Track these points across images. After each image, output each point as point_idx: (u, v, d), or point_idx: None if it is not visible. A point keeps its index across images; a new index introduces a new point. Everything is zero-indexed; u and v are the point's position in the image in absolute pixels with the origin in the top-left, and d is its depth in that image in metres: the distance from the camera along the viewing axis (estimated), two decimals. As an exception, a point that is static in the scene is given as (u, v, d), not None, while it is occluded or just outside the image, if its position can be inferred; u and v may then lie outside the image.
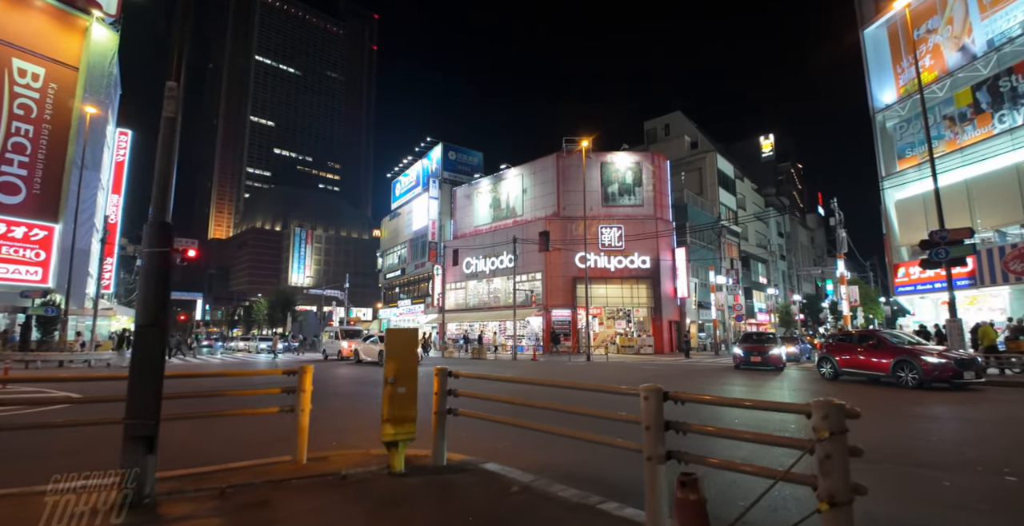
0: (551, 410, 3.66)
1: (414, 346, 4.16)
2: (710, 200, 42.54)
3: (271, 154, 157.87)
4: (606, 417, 3.26)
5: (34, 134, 30.51)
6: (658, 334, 31.83)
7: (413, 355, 4.12)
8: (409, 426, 3.94)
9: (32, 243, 30.44)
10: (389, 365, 4.03)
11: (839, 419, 2.08)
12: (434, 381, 4.38)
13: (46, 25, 31.21)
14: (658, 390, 2.70)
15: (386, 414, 3.89)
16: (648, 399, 2.67)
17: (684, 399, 2.73)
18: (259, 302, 73.66)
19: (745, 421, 7.51)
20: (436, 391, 4.33)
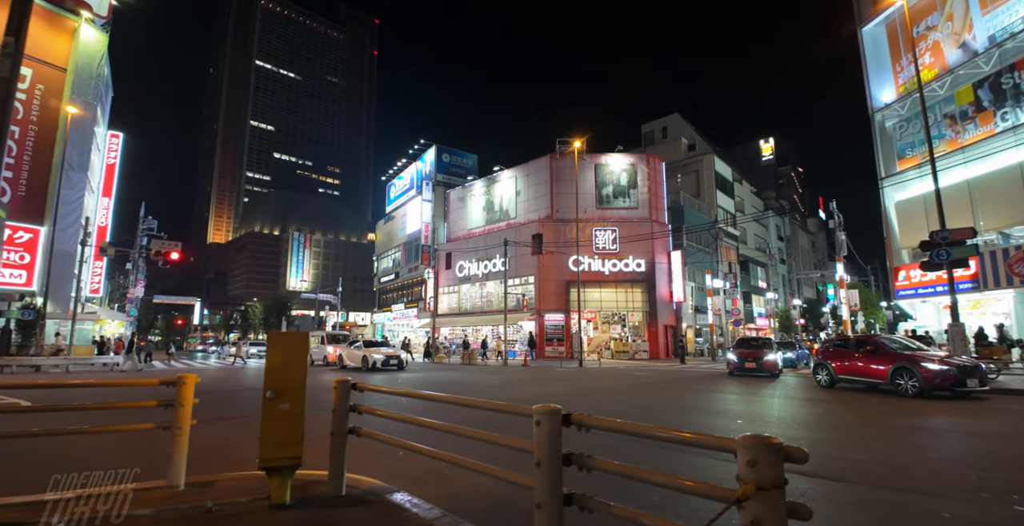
0: (454, 434, 3.01)
1: (303, 353, 3.51)
2: (707, 203, 41.88)
3: (271, 158, 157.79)
4: (500, 444, 2.61)
5: (20, 136, 30.09)
6: (653, 339, 31.11)
7: (301, 365, 3.48)
8: (293, 449, 3.29)
9: (16, 246, 29.92)
10: (269, 377, 3.39)
11: (774, 466, 1.42)
12: (333, 395, 3.73)
13: (34, 26, 30.52)
14: (555, 412, 2.06)
15: (263, 436, 3.24)
16: (542, 424, 2.03)
17: (590, 425, 2.07)
18: (255, 307, 73.04)
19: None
20: (335, 407, 3.68)
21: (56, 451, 5.49)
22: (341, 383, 3.77)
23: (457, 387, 14.25)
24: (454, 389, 13.71)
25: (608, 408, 9.77)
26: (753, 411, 9.36)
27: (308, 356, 3.64)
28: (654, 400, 11.15)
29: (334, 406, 3.71)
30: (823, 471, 4.86)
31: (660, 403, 10.62)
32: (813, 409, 9.84)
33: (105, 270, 44.07)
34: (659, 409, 9.75)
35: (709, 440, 1.64)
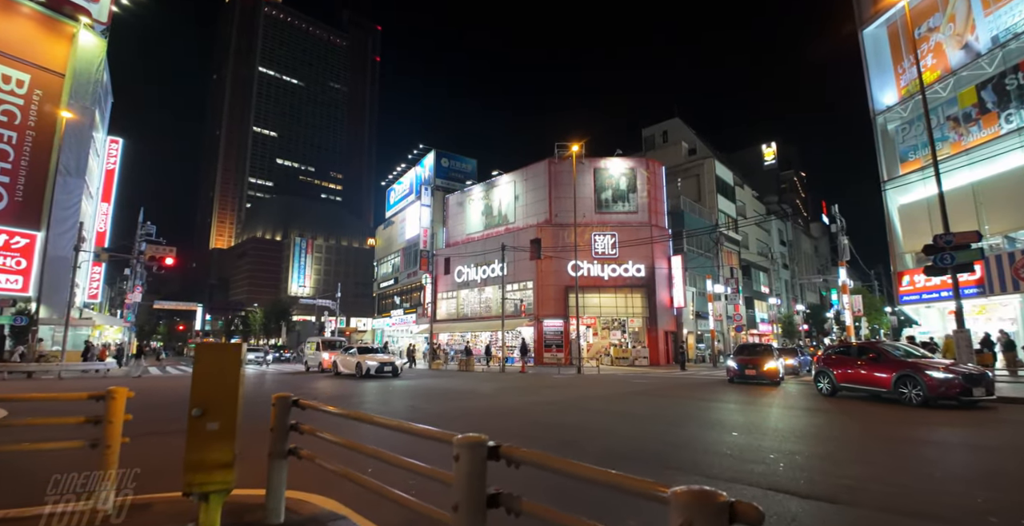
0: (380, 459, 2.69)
1: (235, 367, 3.19)
2: (708, 207, 41.51)
3: (273, 164, 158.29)
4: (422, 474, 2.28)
5: (18, 141, 29.99)
6: (653, 345, 30.68)
7: (233, 379, 3.15)
8: (222, 474, 2.97)
9: (13, 251, 29.76)
10: (196, 392, 3.07)
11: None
12: (271, 413, 3.41)
13: (32, 31, 30.84)
14: (478, 445, 1.73)
15: (188, 458, 2.92)
16: (461, 460, 1.71)
17: (520, 460, 1.74)
18: (255, 312, 72.88)
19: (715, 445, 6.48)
20: (272, 426, 3.36)
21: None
22: (280, 399, 3.46)
23: (447, 395, 13.91)
24: (444, 398, 13.37)
25: (596, 419, 9.41)
26: (750, 422, 8.99)
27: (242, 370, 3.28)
28: (647, 410, 10.79)
29: (272, 425, 3.39)
30: (818, 491, 4.51)
31: (653, 413, 10.26)
32: (812, 420, 9.46)
33: (103, 276, 43.89)
34: (651, 420, 9.39)
35: (637, 486, 1.31)
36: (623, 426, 8.62)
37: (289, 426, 3.43)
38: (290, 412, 3.48)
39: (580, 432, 7.97)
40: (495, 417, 9.79)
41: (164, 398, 13.60)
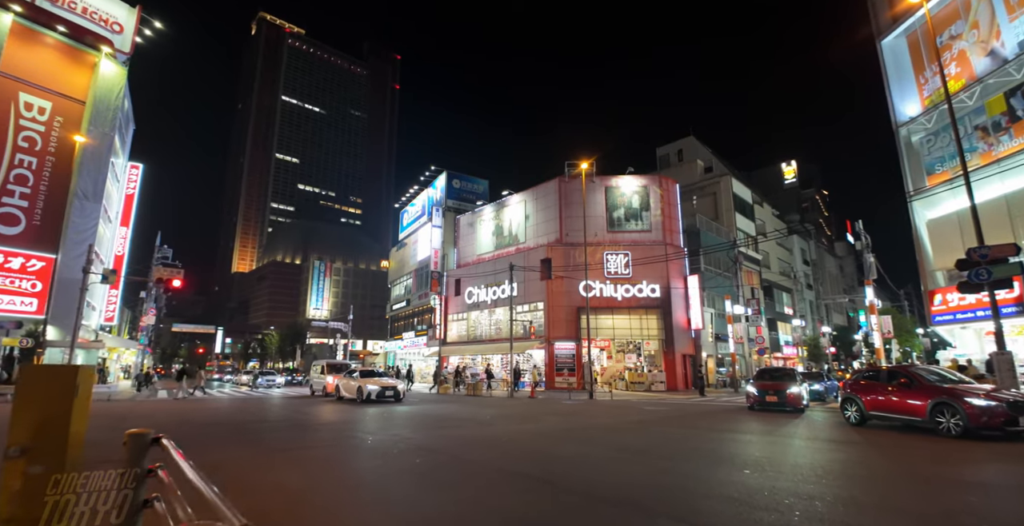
0: None
1: (67, 396, 2.53)
2: (726, 226, 40.41)
3: (295, 189, 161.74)
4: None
5: (37, 166, 30.69)
6: (671, 369, 29.37)
7: (64, 409, 2.49)
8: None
9: (29, 274, 30.15)
10: (16, 426, 2.42)
11: None
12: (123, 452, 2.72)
13: (55, 60, 31.90)
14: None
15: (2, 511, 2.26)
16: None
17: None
18: (271, 335, 73.03)
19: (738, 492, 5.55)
20: (124, 470, 2.66)
21: None
22: (134, 438, 2.77)
23: (441, 423, 13.08)
24: (436, 425, 12.55)
25: (591, 453, 8.49)
26: (767, 456, 7.98)
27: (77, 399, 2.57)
28: (653, 441, 9.81)
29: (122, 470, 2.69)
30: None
31: (659, 445, 9.28)
32: (838, 453, 8.40)
33: (120, 299, 44.39)
34: (654, 453, 8.44)
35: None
36: (619, 462, 7.70)
37: (146, 471, 2.73)
38: (147, 453, 2.78)
39: (568, 467, 7.10)
40: (480, 448, 8.95)
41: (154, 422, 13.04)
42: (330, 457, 8.29)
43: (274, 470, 7.02)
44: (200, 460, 7.71)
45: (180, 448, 2.82)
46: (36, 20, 31.15)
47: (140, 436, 2.91)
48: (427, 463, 7.59)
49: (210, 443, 9.54)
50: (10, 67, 29.49)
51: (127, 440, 2.83)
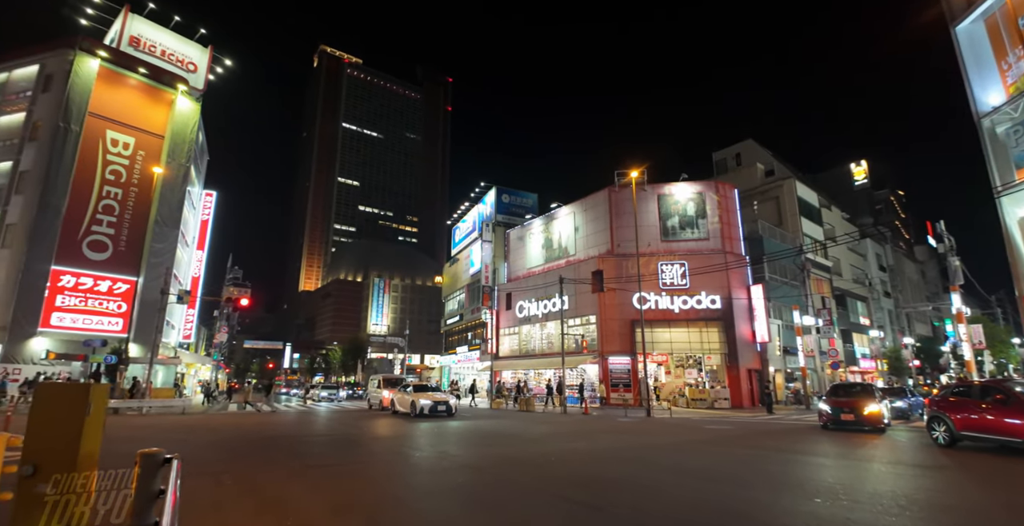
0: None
1: (77, 412, 2.49)
2: (791, 231, 38.18)
3: (356, 211, 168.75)
4: None
5: (122, 197, 33.48)
6: (735, 385, 27.76)
7: (75, 430, 2.45)
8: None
9: (115, 296, 32.74)
10: (30, 444, 2.40)
11: None
12: (135, 473, 2.66)
13: (137, 98, 34.94)
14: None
15: None
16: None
17: None
18: (334, 350, 75.67)
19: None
20: (133, 491, 2.60)
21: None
22: (146, 458, 2.70)
23: (489, 440, 12.82)
24: (484, 442, 12.31)
25: (644, 475, 7.96)
26: (841, 482, 7.18)
27: (88, 417, 2.52)
28: (714, 463, 9.11)
29: (132, 490, 2.63)
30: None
31: (720, 468, 8.60)
32: (925, 480, 7.45)
33: (196, 317, 47.40)
34: (714, 477, 7.79)
35: None
36: (676, 486, 7.15)
37: (157, 492, 2.65)
38: (158, 474, 2.71)
39: (617, 492, 6.64)
40: (527, 468, 8.61)
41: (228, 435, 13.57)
42: (375, 474, 8.23)
43: (317, 486, 7.00)
44: (249, 473, 7.88)
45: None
46: (120, 64, 34.33)
47: (152, 456, 2.85)
48: (471, 482, 7.36)
49: (262, 456, 9.74)
50: (98, 107, 32.56)
51: (138, 460, 2.78)
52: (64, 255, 30.52)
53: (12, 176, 30.95)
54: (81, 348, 27.55)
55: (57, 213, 30.34)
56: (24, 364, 27.31)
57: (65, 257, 30.55)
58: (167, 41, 38.96)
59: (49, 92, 31.88)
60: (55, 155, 30.45)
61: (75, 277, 30.90)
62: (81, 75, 31.88)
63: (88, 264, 31.50)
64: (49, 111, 31.31)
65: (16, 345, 27.83)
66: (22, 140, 31.38)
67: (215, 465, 8.75)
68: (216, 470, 8.21)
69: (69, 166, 30.98)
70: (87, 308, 31.31)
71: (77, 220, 31.32)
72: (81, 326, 30.65)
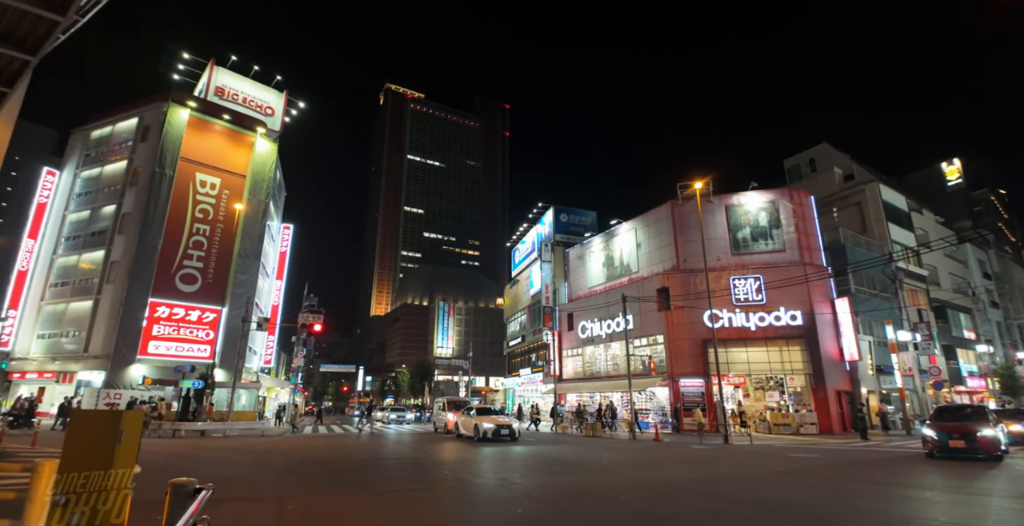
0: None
1: (109, 440, 2.47)
2: (878, 239, 35.14)
3: (421, 238, 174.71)
4: None
5: (210, 233, 36.29)
6: (822, 408, 25.42)
7: (106, 454, 2.42)
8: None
9: (203, 324, 35.22)
10: (65, 472, 2.39)
11: None
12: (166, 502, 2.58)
13: (221, 143, 38.14)
14: None
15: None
16: None
17: None
18: (403, 373, 77.37)
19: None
20: (164, 522, 2.53)
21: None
22: (176, 488, 2.64)
23: (553, 467, 12.31)
24: (547, 470, 11.82)
25: (724, 510, 7.21)
26: (958, 523, 6.16)
27: (128, 444, 2.48)
28: (801, 498, 8.17)
29: (163, 522, 2.56)
30: None
31: (807, 503, 7.67)
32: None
33: (276, 343, 50.08)
34: (800, 513, 6.94)
35: None
36: (756, 523, 6.41)
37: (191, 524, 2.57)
38: (186, 503, 2.63)
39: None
40: (589, 500, 8.09)
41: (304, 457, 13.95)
42: (432, 500, 8.04)
43: (372, 513, 6.88)
44: (313, 498, 7.92)
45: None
46: (207, 112, 37.73)
47: (182, 486, 2.78)
48: (529, 514, 6.97)
49: (328, 481, 9.81)
50: (188, 152, 35.80)
51: (169, 490, 2.71)
52: (159, 288, 33.32)
53: (115, 218, 34.47)
54: (173, 374, 29.64)
55: (154, 250, 33.32)
56: (124, 389, 29.76)
57: (160, 289, 33.35)
58: (247, 89, 42.54)
59: (146, 141, 35.50)
60: (152, 198, 33.63)
61: (169, 308, 33.60)
62: (174, 124, 35.29)
63: (180, 295, 34.20)
64: (147, 158, 34.79)
65: (117, 372, 30.44)
66: (124, 185, 34.99)
67: (281, 489, 8.90)
68: (281, 493, 8.33)
69: (164, 207, 34.08)
70: (179, 336, 33.87)
71: (171, 255, 34.23)
72: (174, 353, 33.13)
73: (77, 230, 36.11)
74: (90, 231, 35.51)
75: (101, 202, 35.76)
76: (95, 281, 33.60)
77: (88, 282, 34.04)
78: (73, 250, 35.55)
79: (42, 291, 34.95)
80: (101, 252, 34.13)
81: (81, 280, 34.49)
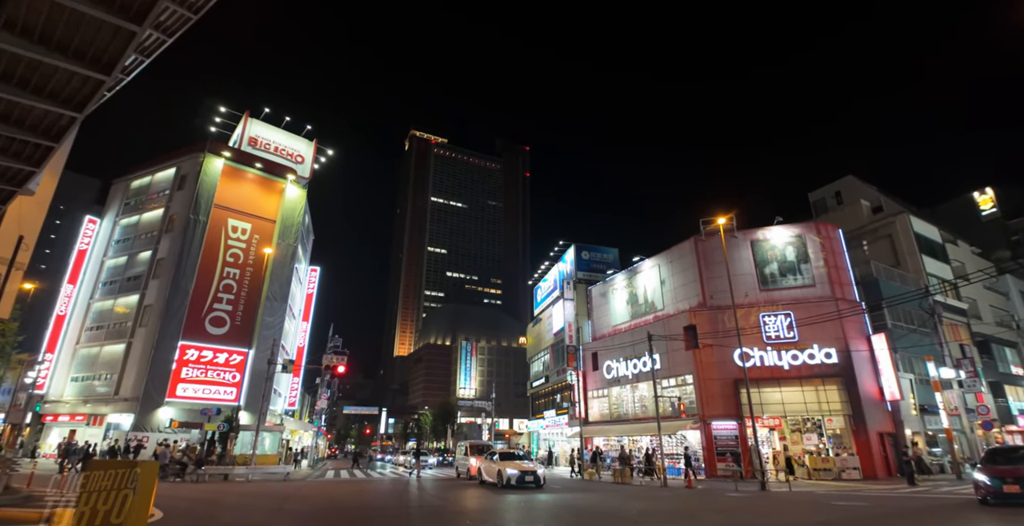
0: None
1: (122, 491, 2.47)
2: (912, 272, 34.05)
3: (444, 277, 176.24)
4: None
5: (239, 276, 37.24)
6: (864, 451, 23.99)
7: (117, 505, 2.42)
8: None
9: (230, 367, 35.61)
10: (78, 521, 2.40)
11: None
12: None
13: (253, 190, 39.69)
14: None
15: None
16: None
17: None
18: (425, 415, 76.18)
19: None
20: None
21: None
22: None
23: (582, 517, 11.78)
24: (577, 519, 11.31)
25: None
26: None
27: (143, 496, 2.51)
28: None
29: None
30: None
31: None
32: None
33: (301, 385, 50.17)
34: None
35: None
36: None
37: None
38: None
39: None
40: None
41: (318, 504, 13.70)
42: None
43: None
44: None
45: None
46: (241, 161, 39.55)
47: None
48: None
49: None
50: (222, 199, 37.31)
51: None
52: (189, 331, 34.04)
53: (151, 263, 35.76)
54: (199, 416, 29.80)
55: (186, 294, 34.27)
56: (151, 432, 29.95)
57: (190, 332, 34.06)
58: (279, 138, 44.65)
59: (183, 190, 37.20)
60: (186, 243, 34.91)
61: (198, 350, 34.17)
62: (209, 173, 37.02)
63: (209, 338, 34.82)
64: (183, 206, 36.35)
65: (146, 415, 30.76)
66: (160, 232, 36.46)
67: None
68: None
69: (197, 252, 35.29)
70: (206, 379, 34.24)
71: (201, 299, 35.12)
72: (201, 396, 33.41)
73: (114, 275, 37.49)
74: (126, 276, 36.82)
75: (138, 248, 37.23)
76: (129, 325, 34.53)
77: (122, 326, 34.99)
78: (109, 295, 36.79)
79: (78, 335, 36.03)
80: (136, 296, 35.21)
81: (115, 324, 35.49)
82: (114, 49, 9.02)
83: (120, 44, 8.94)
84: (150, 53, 10.09)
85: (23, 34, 8.67)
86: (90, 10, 8.20)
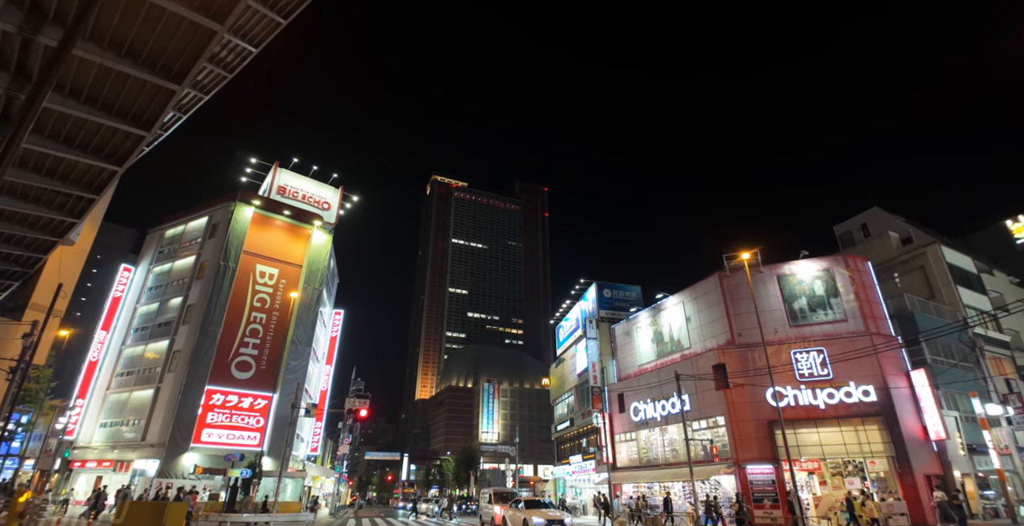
0: None
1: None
2: (948, 304, 32.92)
3: (465, 318, 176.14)
4: None
5: (265, 321, 37.85)
6: (911, 495, 22.48)
7: None
8: None
9: (254, 412, 35.64)
10: None
11: None
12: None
13: (281, 236, 40.91)
14: None
15: None
16: None
17: None
18: (447, 461, 74.25)
19: None
20: None
21: None
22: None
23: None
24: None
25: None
26: None
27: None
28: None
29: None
30: None
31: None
32: None
33: (323, 429, 49.69)
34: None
35: None
36: None
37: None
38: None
39: None
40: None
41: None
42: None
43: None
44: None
45: None
46: (270, 208, 41.02)
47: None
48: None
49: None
50: (251, 246, 38.49)
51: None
52: (216, 375, 34.40)
53: (181, 309, 36.67)
54: (223, 462, 29.63)
55: (214, 339, 34.87)
56: (175, 478, 29.81)
57: (217, 377, 34.41)
58: (306, 187, 46.40)
59: (214, 237, 38.56)
60: (215, 290, 35.84)
61: (224, 395, 34.39)
62: (239, 221, 38.41)
63: (235, 382, 35.10)
64: (213, 253, 37.58)
65: (171, 461, 30.72)
66: (191, 279, 37.58)
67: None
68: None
69: (225, 298, 36.14)
70: (231, 424, 34.25)
71: (228, 344, 35.66)
72: (225, 441, 33.34)
73: (146, 321, 38.48)
74: (157, 322, 37.75)
75: (169, 295, 38.33)
76: (158, 370, 35.09)
77: (151, 371, 35.57)
78: (140, 340, 37.65)
79: (108, 380, 36.69)
80: (165, 342, 35.95)
81: (145, 369, 36.12)
82: (155, 107, 9.71)
83: (160, 102, 9.63)
84: (187, 110, 10.80)
85: (71, 94, 9.36)
86: (135, 72, 8.89)
